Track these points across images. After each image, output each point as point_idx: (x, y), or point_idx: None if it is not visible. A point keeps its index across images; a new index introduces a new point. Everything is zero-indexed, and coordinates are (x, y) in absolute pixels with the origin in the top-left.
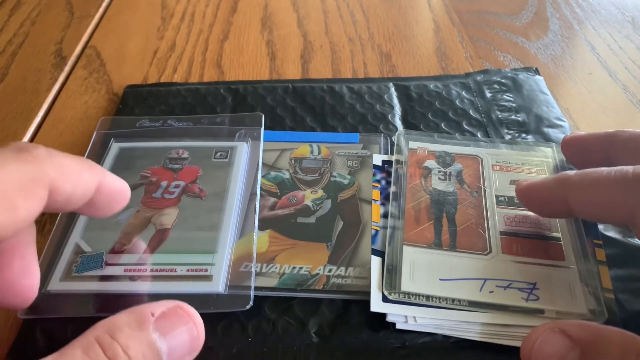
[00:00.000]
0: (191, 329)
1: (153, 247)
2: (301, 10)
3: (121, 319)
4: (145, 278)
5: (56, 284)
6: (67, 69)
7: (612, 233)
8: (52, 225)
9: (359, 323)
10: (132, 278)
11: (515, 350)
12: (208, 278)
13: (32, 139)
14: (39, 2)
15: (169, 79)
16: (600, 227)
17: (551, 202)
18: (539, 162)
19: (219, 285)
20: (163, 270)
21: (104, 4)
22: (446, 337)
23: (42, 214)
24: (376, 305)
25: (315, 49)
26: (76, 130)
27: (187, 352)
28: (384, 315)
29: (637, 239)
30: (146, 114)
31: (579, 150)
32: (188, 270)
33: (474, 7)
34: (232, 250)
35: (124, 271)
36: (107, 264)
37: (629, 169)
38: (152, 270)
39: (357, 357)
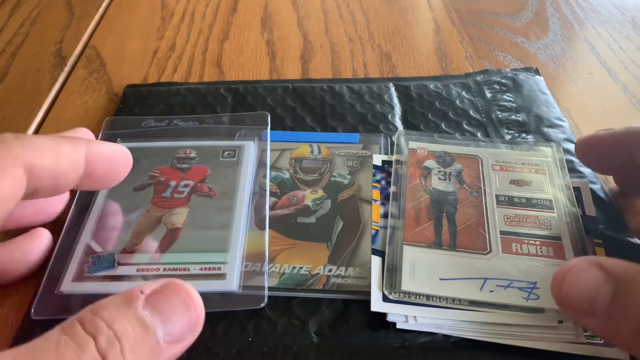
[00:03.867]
0: (186, 301)
1: (165, 247)
2: (301, 10)
3: (108, 299)
4: (158, 277)
5: (68, 285)
6: (67, 69)
7: (612, 232)
8: (62, 226)
9: (359, 323)
10: (145, 277)
11: (515, 350)
12: (222, 277)
13: None
14: (39, 2)
15: (169, 78)
16: (601, 226)
17: (614, 157)
18: (539, 162)
19: (232, 283)
20: (176, 269)
21: (104, 4)
22: (446, 337)
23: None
24: (376, 304)
25: (315, 49)
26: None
27: (187, 328)
28: (384, 315)
29: (637, 239)
30: (146, 113)
31: (599, 152)
32: (201, 269)
33: (474, 7)
34: (244, 249)
35: (137, 271)
36: (120, 264)
37: None
38: (165, 269)
39: (357, 357)
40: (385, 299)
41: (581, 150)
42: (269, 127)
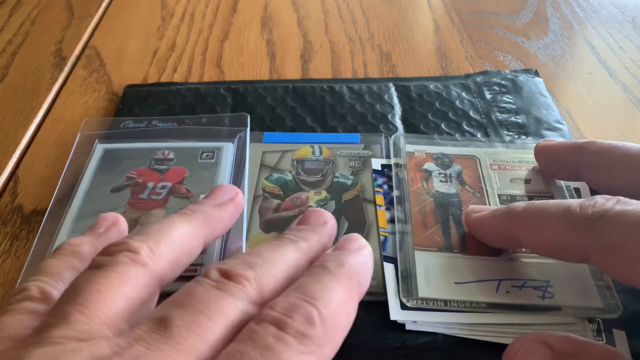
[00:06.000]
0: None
1: None
2: (301, 10)
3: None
4: None
5: None
6: (67, 69)
7: None
8: (39, 227)
9: (359, 323)
10: None
11: None
12: None
13: (32, 139)
14: (39, 2)
15: (169, 78)
16: None
17: (503, 240)
18: (535, 160)
19: None
20: None
21: (104, 4)
22: (446, 337)
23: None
24: (395, 313)
25: (315, 49)
26: (76, 130)
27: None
28: (385, 314)
29: None
30: (146, 113)
31: (549, 159)
32: None
33: (474, 7)
34: (221, 250)
35: None
36: None
37: (575, 206)
38: None
39: (357, 357)
40: (404, 306)
41: (537, 154)
42: (248, 129)
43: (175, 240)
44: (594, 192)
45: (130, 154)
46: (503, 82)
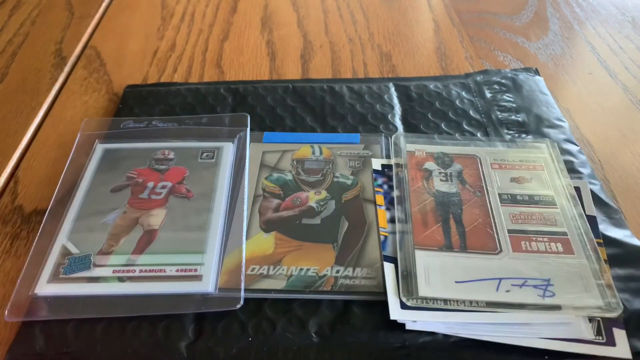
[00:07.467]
0: None
1: (141, 248)
2: (301, 10)
3: None
4: (134, 279)
5: (44, 287)
6: (67, 69)
7: (612, 233)
8: (39, 227)
9: (359, 323)
10: (121, 279)
11: (515, 349)
12: (198, 278)
13: (32, 139)
14: (39, 2)
15: (169, 79)
16: (601, 226)
17: None
18: (535, 158)
19: (209, 285)
20: (152, 270)
21: (104, 4)
22: (446, 337)
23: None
24: (395, 312)
25: (315, 49)
26: (76, 130)
27: None
28: (385, 314)
29: (636, 240)
30: (146, 113)
31: None
32: (177, 271)
33: (474, 7)
34: (221, 250)
35: (113, 272)
36: (96, 265)
37: None
38: (141, 271)
39: (357, 357)
40: (404, 305)
41: None
42: (248, 129)
43: None
44: (593, 192)
45: (131, 154)
46: (503, 80)
